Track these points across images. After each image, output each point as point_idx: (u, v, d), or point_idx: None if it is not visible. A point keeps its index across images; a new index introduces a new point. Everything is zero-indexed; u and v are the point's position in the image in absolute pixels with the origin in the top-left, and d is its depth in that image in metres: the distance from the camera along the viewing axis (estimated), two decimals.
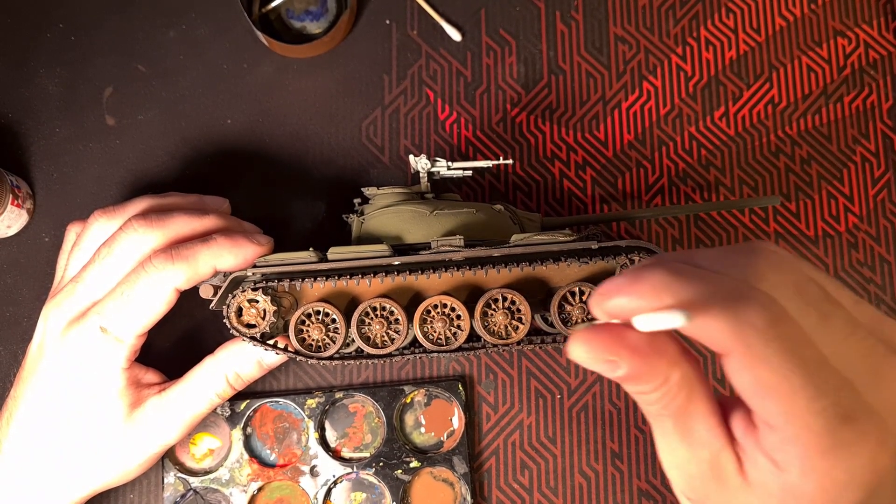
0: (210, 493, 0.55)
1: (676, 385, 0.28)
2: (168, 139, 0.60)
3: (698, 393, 0.28)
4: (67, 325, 0.46)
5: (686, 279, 0.26)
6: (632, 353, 0.27)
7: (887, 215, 0.60)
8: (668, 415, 0.28)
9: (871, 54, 0.62)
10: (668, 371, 0.28)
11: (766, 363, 0.26)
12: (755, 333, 0.25)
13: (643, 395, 0.28)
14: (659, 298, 0.26)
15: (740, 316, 0.26)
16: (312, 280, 0.45)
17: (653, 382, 0.28)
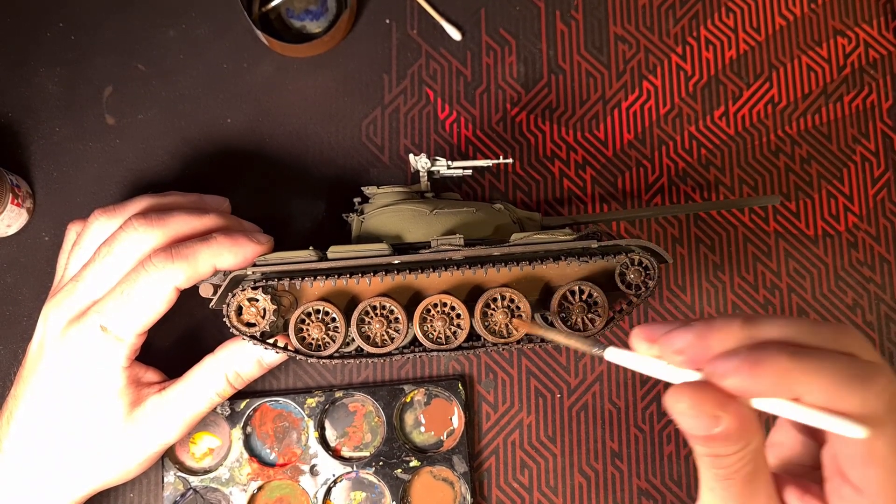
0: (210, 493, 0.55)
1: (753, 451, 0.29)
2: (168, 138, 0.60)
3: (764, 461, 0.29)
4: (67, 324, 0.47)
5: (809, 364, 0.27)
6: (737, 414, 0.27)
7: (887, 215, 0.60)
8: (736, 481, 0.29)
9: (871, 54, 0.62)
10: (753, 436, 0.28)
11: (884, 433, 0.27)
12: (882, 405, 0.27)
13: (721, 457, 0.29)
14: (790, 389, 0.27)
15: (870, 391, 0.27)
16: (312, 279, 0.45)
17: (737, 445, 0.28)
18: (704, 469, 0.30)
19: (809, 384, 0.27)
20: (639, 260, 0.46)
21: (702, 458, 0.29)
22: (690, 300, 0.59)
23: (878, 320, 0.59)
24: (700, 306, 0.59)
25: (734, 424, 0.27)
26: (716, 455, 0.29)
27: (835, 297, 0.59)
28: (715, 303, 0.59)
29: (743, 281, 0.59)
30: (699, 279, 0.59)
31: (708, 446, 0.28)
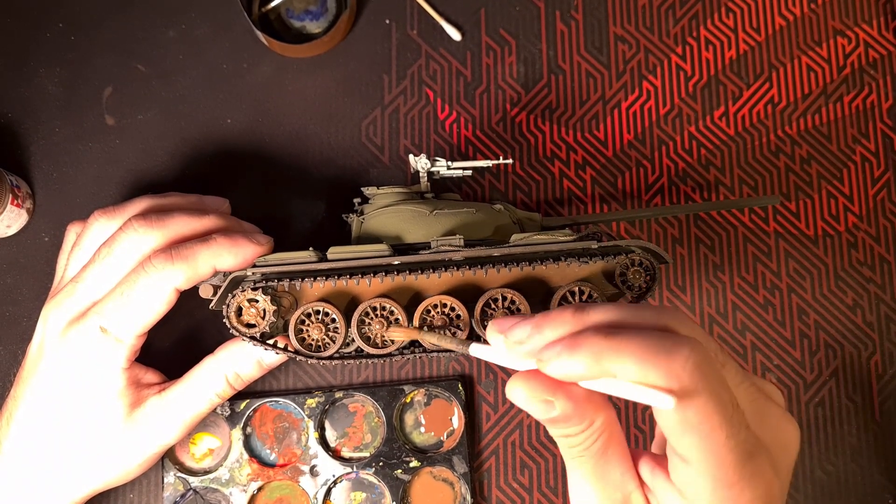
0: (210, 493, 0.55)
1: (599, 429, 0.31)
2: (168, 139, 0.60)
3: (615, 439, 0.31)
4: (67, 325, 0.46)
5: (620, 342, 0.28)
6: (567, 396, 0.29)
7: (887, 215, 0.60)
8: (588, 457, 0.31)
9: (871, 54, 0.62)
10: (594, 415, 0.30)
11: (692, 402, 0.28)
12: (687, 376, 0.27)
13: (568, 437, 0.31)
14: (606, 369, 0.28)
15: (674, 361, 0.28)
16: (312, 280, 0.45)
17: (580, 425, 0.30)
18: (561, 448, 0.32)
19: (620, 360, 0.28)
20: (639, 260, 0.46)
21: (557, 441, 0.31)
22: (690, 300, 0.59)
23: (879, 321, 0.59)
24: (700, 306, 0.59)
25: (568, 407, 0.29)
26: (564, 435, 0.31)
27: (835, 298, 0.59)
28: (715, 303, 0.59)
29: (743, 281, 0.59)
30: (699, 279, 0.59)
31: (554, 427, 0.30)
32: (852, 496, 0.57)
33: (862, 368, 0.58)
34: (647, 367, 0.27)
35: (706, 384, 0.28)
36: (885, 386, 0.58)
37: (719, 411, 0.28)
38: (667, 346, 0.28)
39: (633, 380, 0.28)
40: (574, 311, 0.30)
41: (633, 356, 0.28)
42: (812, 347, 0.58)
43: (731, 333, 0.58)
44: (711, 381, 0.28)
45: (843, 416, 0.58)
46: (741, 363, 0.34)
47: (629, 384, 0.28)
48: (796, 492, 0.57)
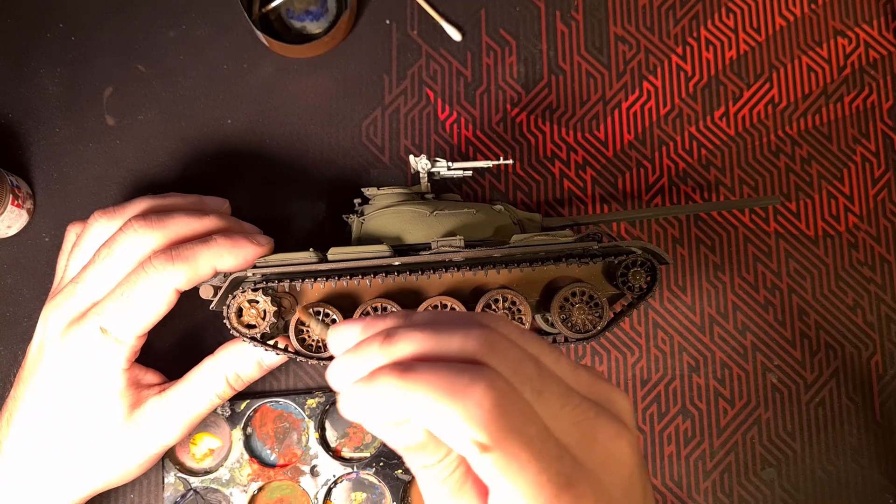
0: (210, 493, 0.55)
1: (457, 459, 0.29)
2: (168, 139, 0.60)
3: (472, 476, 0.30)
4: (67, 325, 0.46)
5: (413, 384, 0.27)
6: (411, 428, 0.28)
7: (887, 215, 0.60)
8: (447, 489, 0.30)
9: (872, 54, 0.62)
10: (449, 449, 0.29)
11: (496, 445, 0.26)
12: (484, 415, 0.26)
13: (427, 467, 0.29)
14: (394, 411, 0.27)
15: (469, 398, 0.26)
16: (312, 280, 0.45)
17: (440, 452, 0.29)
18: (418, 479, 0.30)
19: (413, 402, 0.27)
20: (639, 261, 0.46)
21: (414, 470, 0.30)
22: (691, 300, 0.59)
23: (879, 321, 0.59)
24: (700, 307, 0.59)
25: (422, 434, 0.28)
26: (425, 466, 0.29)
27: (835, 298, 0.59)
28: (715, 303, 0.59)
29: (743, 281, 0.59)
30: (699, 280, 0.59)
31: (408, 455, 0.29)
32: (853, 496, 0.57)
33: (862, 368, 0.58)
34: (440, 411, 0.26)
35: (506, 420, 0.26)
36: (885, 386, 0.58)
37: (526, 448, 0.27)
38: (462, 384, 0.26)
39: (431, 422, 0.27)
40: (381, 342, 0.29)
41: (425, 397, 0.26)
42: (812, 347, 0.58)
43: (731, 333, 0.58)
44: (512, 417, 0.27)
45: (844, 417, 0.58)
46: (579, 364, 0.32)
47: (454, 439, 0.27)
48: (796, 491, 0.57)
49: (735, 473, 0.57)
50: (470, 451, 0.26)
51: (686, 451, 0.57)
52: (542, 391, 0.28)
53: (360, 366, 0.28)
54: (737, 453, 0.57)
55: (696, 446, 0.57)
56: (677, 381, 0.58)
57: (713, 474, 0.57)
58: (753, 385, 0.58)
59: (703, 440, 0.57)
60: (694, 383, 0.58)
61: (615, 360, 0.58)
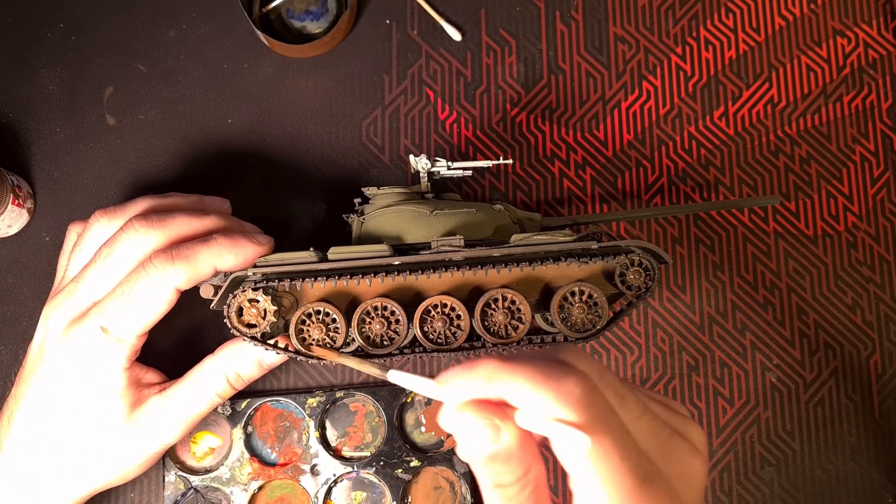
0: (211, 492, 0.55)
1: (533, 480, 0.30)
2: (168, 139, 0.60)
3: (546, 495, 0.31)
4: (68, 325, 0.47)
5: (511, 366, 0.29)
6: (516, 427, 0.29)
7: (886, 215, 0.60)
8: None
9: (871, 54, 0.62)
10: (532, 461, 0.30)
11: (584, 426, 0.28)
12: (574, 401, 0.28)
13: (502, 486, 0.30)
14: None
15: (562, 386, 0.28)
16: (313, 280, 0.45)
17: (520, 469, 0.30)
18: (489, 498, 0.31)
19: (511, 380, 0.29)
20: (638, 261, 0.46)
21: (488, 493, 0.30)
22: (690, 300, 0.59)
23: (878, 320, 0.59)
24: (700, 306, 0.59)
25: (514, 440, 0.29)
26: (500, 484, 0.30)
27: (834, 297, 0.59)
28: (715, 303, 0.59)
29: (742, 281, 0.59)
30: (699, 279, 0.59)
31: (491, 467, 0.30)
32: (852, 495, 0.57)
33: (861, 368, 0.58)
34: (536, 389, 0.28)
35: (594, 409, 0.28)
36: (884, 385, 0.58)
37: (610, 435, 0.29)
38: (556, 374, 0.29)
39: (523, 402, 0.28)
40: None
41: (523, 377, 0.28)
42: (812, 347, 0.59)
43: (730, 333, 0.59)
44: (598, 407, 0.29)
45: (843, 416, 0.58)
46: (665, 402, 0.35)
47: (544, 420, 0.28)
48: (796, 491, 0.57)
49: (734, 472, 0.57)
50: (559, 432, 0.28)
51: None
52: (624, 397, 0.31)
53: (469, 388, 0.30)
54: (736, 452, 0.57)
55: None
56: (677, 381, 0.58)
57: (712, 473, 0.57)
58: (753, 384, 0.58)
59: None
60: (693, 382, 0.58)
61: (615, 359, 0.58)
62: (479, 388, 0.29)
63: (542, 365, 0.29)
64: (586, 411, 0.28)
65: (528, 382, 0.28)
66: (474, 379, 0.29)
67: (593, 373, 0.30)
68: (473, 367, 0.29)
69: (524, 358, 0.29)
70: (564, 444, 0.28)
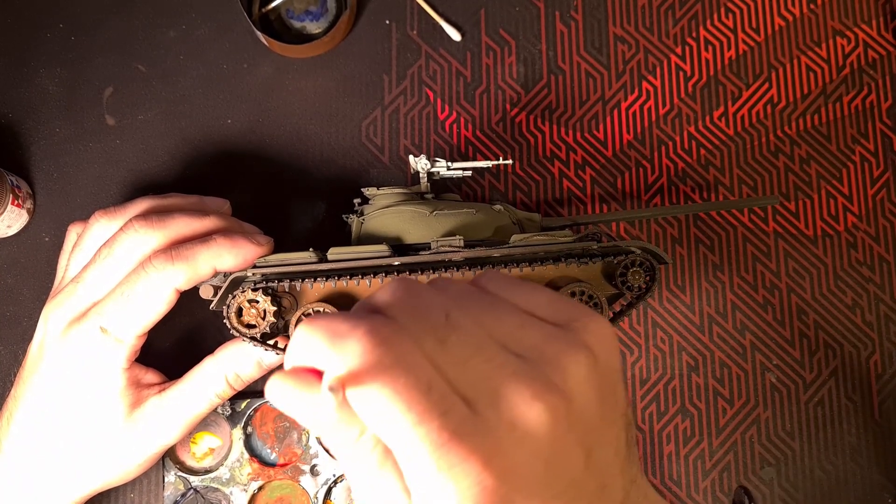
0: (210, 492, 0.55)
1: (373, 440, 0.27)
2: (168, 139, 0.60)
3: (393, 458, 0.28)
4: (68, 325, 0.47)
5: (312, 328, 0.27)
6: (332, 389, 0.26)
7: (886, 215, 0.60)
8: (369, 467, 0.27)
9: (871, 54, 0.62)
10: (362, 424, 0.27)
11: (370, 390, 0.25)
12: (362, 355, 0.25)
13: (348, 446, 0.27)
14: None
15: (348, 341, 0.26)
16: (312, 280, 0.45)
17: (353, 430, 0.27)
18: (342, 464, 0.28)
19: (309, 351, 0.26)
20: (638, 261, 0.46)
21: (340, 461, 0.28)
22: (690, 300, 0.59)
23: (878, 320, 0.59)
24: (699, 306, 0.59)
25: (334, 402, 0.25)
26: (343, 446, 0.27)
27: (834, 297, 0.59)
28: (714, 303, 0.59)
29: (742, 281, 0.59)
30: (699, 279, 0.59)
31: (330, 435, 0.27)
32: (852, 495, 0.57)
33: (861, 368, 0.58)
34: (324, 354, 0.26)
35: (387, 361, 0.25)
36: (884, 385, 0.58)
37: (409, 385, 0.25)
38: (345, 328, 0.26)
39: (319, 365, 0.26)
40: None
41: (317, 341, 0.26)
42: (811, 347, 0.59)
43: (730, 333, 0.59)
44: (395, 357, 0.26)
45: (843, 416, 0.58)
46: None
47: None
48: (795, 491, 0.57)
49: (734, 473, 0.57)
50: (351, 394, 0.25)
51: (685, 451, 0.57)
52: (446, 340, 0.27)
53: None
54: (736, 452, 0.57)
55: (696, 445, 0.57)
56: (676, 381, 0.58)
57: (712, 473, 0.57)
58: (752, 384, 0.58)
59: (702, 439, 0.57)
60: (693, 383, 0.58)
61: None
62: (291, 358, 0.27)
63: (336, 318, 0.26)
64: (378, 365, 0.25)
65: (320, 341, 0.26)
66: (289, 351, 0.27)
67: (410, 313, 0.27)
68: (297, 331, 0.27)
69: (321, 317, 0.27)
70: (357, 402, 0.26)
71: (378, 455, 0.27)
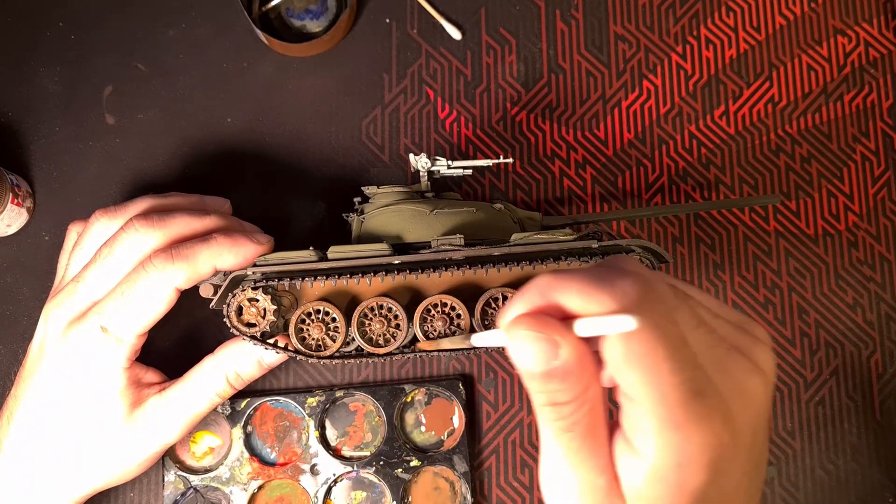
0: (210, 492, 0.55)
1: (592, 400, 0.28)
2: (168, 138, 0.60)
3: (602, 418, 0.29)
4: (68, 324, 0.47)
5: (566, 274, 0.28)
6: (574, 342, 0.27)
7: (887, 214, 0.60)
8: (576, 434, 0.28)
9: (871, 53, 0.62)
10: (591, 381, 0.28)
11: (638, 334, 0.26)
12: (629, 301, 0.26)
13: (557, 405, 0.28)
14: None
15: (617, 287, 0.27)
16: (312, 279, 0.45)
17: (578, 387, 0.28)
18: (545, 424, 0.29)
19: (564, 288, 0.27)
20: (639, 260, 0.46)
21: (542, 411, 0.29)
22: None
23: (879, 319, 0.59)
24: None
25: (573, 355, 0.27)
26: (555, 403, 0.28)
27: (835, 297, 0.59)
28: None
29: (743, 280, 0.59)
30: (699, 278, 0.59)
31: (548, 385, 0.28)
32: (852, 495, 0.57)
33: (862, 367, 0.58)
34: (588, 294, 0.27)
35: (649, 314, 0.27)
36: (885, 385, 0.58)
37: (663, 343, 0.27)
38: (611, 277, 0.27)
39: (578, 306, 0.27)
40: None
41: (577, 283, 0.27)
42: (812, 346, 0.58)
43: None
44: (654, 312, 0.27)
45: (844, 415, 0.58)
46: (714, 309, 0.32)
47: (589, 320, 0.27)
48: (796, 490, 0.57)
49: None
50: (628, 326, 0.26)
51: None
52: (677, 308, 0.29)
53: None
54: None
55: None
56: None
57: None
58: None
59: None
60: None
61: None
62: (535, 301, 0.28)
63: (596, 271, 0.28)
64: (641, 313, 0.26)
65: (582, 286, 0.27)
66: (530, 295, 0.28)
67: (650, 277, 0.28)
68: (527, 287, 0.28)
69: (577, 270, 0.28)
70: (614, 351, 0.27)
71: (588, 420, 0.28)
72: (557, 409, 0.28)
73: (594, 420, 0.28)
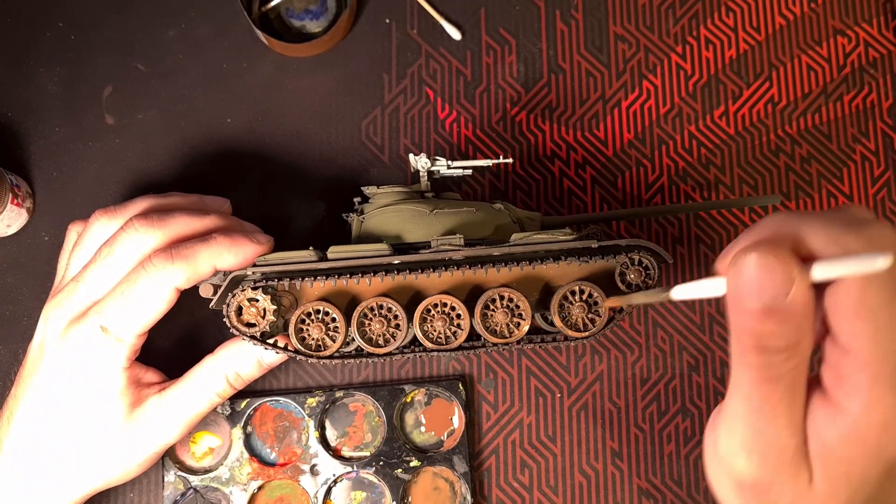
0: (210, 492, 0.55)
1: (802, 354, 0.26)
2: (168, 138, 0.60)
3: (806, 378, 0.27)
4: (68, 324, 0.47)
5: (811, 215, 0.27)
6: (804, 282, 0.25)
7: (887, 214, 0.60)
8: (781, 386, 0.26)
9: (871, 53, 0.62)
10: (807, 334, 0.26)
11: (877, 285, 0.25)
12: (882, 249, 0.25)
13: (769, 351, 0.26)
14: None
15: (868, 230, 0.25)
16: (312, 279, 0.45)
17: (795, 336, 0.26)
18: (744, 370, 0.27)
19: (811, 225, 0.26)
20: (639, 260, 0.46)
21: (744, 356, 0.27)
22: (690, 300, 0.59)
23: None
24: (700, 305, 0.59)
25: (802, 298, 0.25)
26: (765, 347, 0.26)
27: None
28: (715, 302, 0.59)
29: None
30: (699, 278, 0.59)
31: (764, 325, 0.26)
32: None
33: None
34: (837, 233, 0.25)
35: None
36: None
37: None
38: (859, 221, 0.26)
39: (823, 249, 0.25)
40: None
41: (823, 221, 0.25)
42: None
43: None
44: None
45: None
46: None
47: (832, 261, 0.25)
48: None
49: None
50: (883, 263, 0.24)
51: (686, 450, 0.57)
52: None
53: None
54: None
55: (696, 445, 0.57)
56: (677, 380, 0.58)
57: None
58: None
59: (702, 439, 0.57)
60: (694, 382, 0.58)
61: (615, 358, 0.58)
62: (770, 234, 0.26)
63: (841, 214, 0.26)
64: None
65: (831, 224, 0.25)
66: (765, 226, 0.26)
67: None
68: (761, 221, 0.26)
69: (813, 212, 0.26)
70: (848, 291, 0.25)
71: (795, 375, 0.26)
72: (766, 355, 0.26)
73: (798, 377, 0.27)
